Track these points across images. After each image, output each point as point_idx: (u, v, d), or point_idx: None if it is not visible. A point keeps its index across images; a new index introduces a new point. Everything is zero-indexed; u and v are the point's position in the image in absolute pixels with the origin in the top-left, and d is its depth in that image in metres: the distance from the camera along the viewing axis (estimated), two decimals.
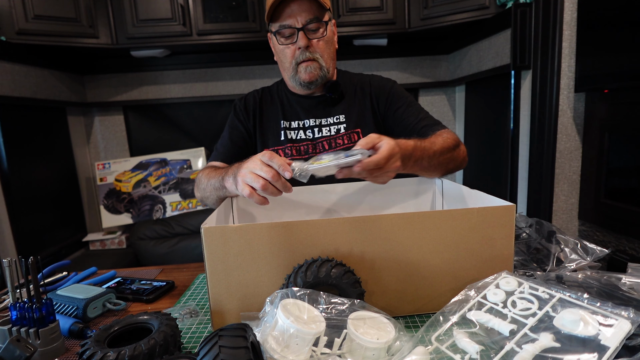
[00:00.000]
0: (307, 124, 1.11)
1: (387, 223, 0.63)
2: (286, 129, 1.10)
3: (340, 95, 1.11)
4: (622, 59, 1.31)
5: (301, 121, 1.11)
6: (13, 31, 1.71)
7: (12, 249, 1.69)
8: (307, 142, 1.09)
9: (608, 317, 0.46)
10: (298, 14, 0.98)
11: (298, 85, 1.07)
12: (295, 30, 0.99)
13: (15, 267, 0.60)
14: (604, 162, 1.48)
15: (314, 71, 1.03)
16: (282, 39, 1.02)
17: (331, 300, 0.57)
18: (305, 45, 1.00)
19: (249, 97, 1.16)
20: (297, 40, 1.00)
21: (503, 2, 1.75)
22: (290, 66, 1.04)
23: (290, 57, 1.03)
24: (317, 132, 1.10)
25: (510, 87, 1.74)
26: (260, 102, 1.15)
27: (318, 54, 1.03)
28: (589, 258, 0.73)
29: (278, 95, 1.16)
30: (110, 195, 2.25)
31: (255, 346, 0.48)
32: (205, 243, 0.61)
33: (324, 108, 1.11)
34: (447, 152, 0.90)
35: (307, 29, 1.00)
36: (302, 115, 1.11)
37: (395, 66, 2.39)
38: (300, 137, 1.10)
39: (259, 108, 1.14)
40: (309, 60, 1.02)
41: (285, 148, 1.08)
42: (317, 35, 1.01)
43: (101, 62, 2.28)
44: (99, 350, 0.52)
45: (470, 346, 0.50)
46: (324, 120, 1.10)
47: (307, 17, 0.98)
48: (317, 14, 0.99)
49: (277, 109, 1.14)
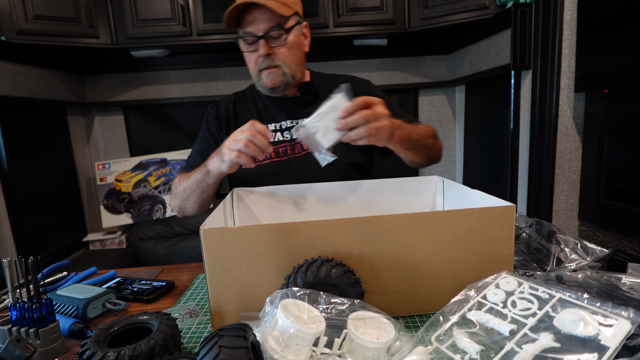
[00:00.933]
0: (283, 126, 1.11)
1: (387, 223, 0.63)
2: None
3: (314, 96, 1.11)
4: (622, 59, 1.31)
5: (277, 123, 1.11)
6: (13, 31, 1.71)
7: (12, 249, 1.69)
8: (285, 144, 1.09)
9: (608, 317, 0.46)
10: (259, 21, 0.97)
11: (263, 90, 1.08)
12: (256, 37, 0.99)
13: (15, 267, 0.60)
14: (604, 162, 1.48)
15: (277, 78, 1.03)
16: (245, 45, 1.02)
17: (331, 300, 0.57)
18: (265, 53, 1.00)
19: (221, 105, 1.16)
20: (258, 48, 1.00)
21: (503, 2, 1.75)
22: (254, 72, 1.05)
23: (254, 64, 1.03)
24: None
25: (510, 87, 1.74)
26: (234, 108, 1.15)
27: (280, 61, 1.02)
28: (589, 258, 0.73)
29: (252, 99, 1.16)
30: (110, 195, 2.25)
31: (255, 346, 0.48)
32: (204, 244, 0.61)
33: (299, 109, 1.11)
34: (429, 137, 0.98)
35: (269, 36, 0.99)
36: (278, 117, 1.12)
37: (395, 66, 2.39)
38: (277, 139, 1.10)
39: (233, 115, 1.14)
40: (271, 67, 1.02)
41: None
42: (278, 42, 1.01)
43: (101, 62, 2.28)
44: (99, 350, 0.52)
45: (470, 346, 0.50)
46: (300, 120, 1.10)
47: (268, 24, 0.98)
48: (278, 21, 0.99)
49: (252, 113, 1.14)
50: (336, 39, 2.08)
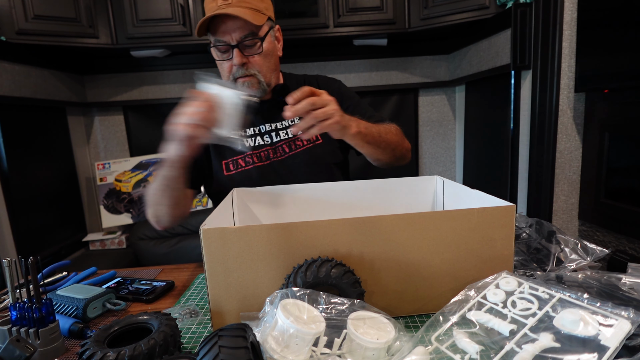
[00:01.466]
0: (263, 129, 1.09)
1: (386, 223, 0.63)
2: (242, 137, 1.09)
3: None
4: (622, 59, 1.31)
5: (256, 127, 1.09)
6: (13, 31, 1.71)
7: (12, 249, 1.69)
8: (267, 148, 1.08)
9: (608, 317, 0.46)
10: (232, 30, 0.95)
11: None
12: (229, 47, 0.96)
13: (15, 267, 0.60)
14: (604, 162, 1.48)
15: (253, 86, 1.01)
16: (218, 53, 0.99)
17: (331, 300, 0.57)
18: (240, 63, 0.97)
19: None
20: (232, 57, 0.97)
21: (503, 2, 1.75)
22: (228, 80, 1.02)
23: (228, 73, 1.00)
24: (275, 136, 1.09)
25: (510, 87, 1.74)
26: None
27: (255, 69, 1.00)
28: (589, 258, 0.73)
29: None
30: (110, 195, 2.25)
31: (255, 346, 0.48)
32: (204, 244, 0.61)
33: (277, 112, 1.07)
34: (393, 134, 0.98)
35: (243, 45, 0.96)
36: (256, 121, 1.10)
37: (395, 66, 2.39)
38: (259, 144, 1.08)
39: None
40: (246, 76, 1.00)
41: (245, 156, 1.07)
42: (253, 51, 0.98)
43: (101, 62, 2.28)
44: (99, 350, 0.52)
45: (470, 346, 0.50)
46: (279, 123, 1.10)
47: (241, 33, 0.95)
48: (252, 29, 0.96)
49: None
50: (336, 39, 2.08)
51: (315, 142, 1.09)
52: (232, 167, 1.07)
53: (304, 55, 2.33)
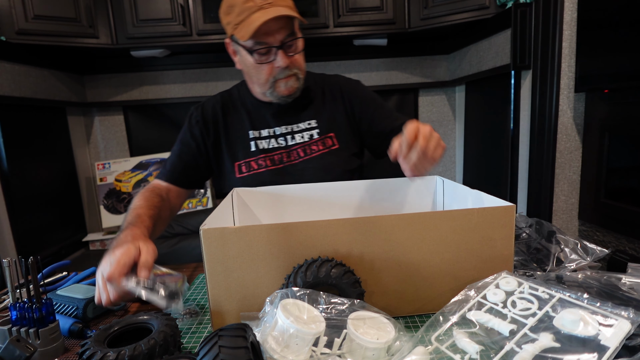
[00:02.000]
0: (278, 132, 1.05)
1: (386, 223, 0.62)
2: (256, 138, 1.05)
3: (309, 100, 1.08)
4: (622, 59, 1.31)
5: (271, 129, 1.06)
6: (13, 31, 1.71)
7: (12, 249, 1.69)
8: (280, 151, 1.05)
9: (608, 317, 0.46)
10: (276, 31, 0.91)
11: (275, 99, 1.02)
12: (272, 48, 0.93)
13: (15, 267, 0.60)
14: (604, 162, 1.48)
15: (294, 85, 0.99)
16: (257, 56, 0.94)
17: (331, 300, 0.57)
18: (286, 65, 0.94)
19: (207, 108, 1.08)
20: (275, 59, 0.94)
21: (503, 2, 1.75)
22: (266, 82, 0.98)
23: (267, 75, 0.96)
24: (290, 139, 1.05)
25: (510, 87, 1.74)
26: (222, 110, 1.07)
27: (297, 68, 0.98)
28: (589, 258, 0.73)
29: (242, 103, 1.08)
30: (110, 195, 2.25)
31: (255, 346, 0.48)
32: (204, 244, 0.61)
33: (293, 114, 1.06)
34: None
35: (286, 45, 0.94)
36: (271, 122, 1.06)
37: (395, 66, 2.39)
38: (272, 146, 1.05)
39: (223, 119, 1.07)
40: (288, 76, 0.97)
41: (257, 159, 1.04)
42: (293, 50, 0.96)
43: (101, 62, 2.28)
44: (99, 350, 0.52)
45: (470, 346, 0.50)
46: (295, 126, 1.06)
47: (284, 33, 0.92)
48: (292, 29, 0.94)
49: (242, 118, 1.07)
50: (336, 39, 2.09)
51: (331, 147, 1.06)
52: (244, 169, 1.04)
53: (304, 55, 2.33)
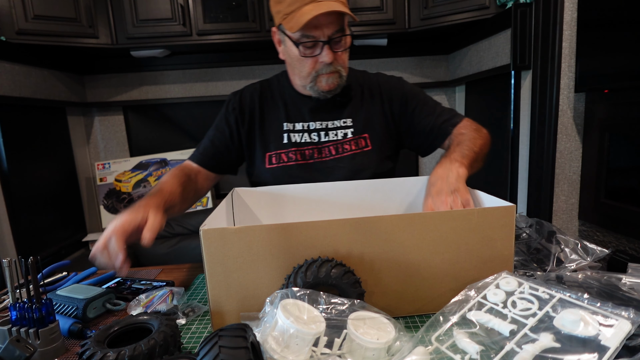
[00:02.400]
0: (312, 127, 1.05)
1: (387, 224, 0.62)
2: (290, 131, 1.04)
3: (348, 98, 1.06)
4: (622, 59, 1.31)
5: (306, 123, 1.05)
6: (13, 31, 1.70)
7: (12, 249, 1.69)
8: (312, 146, 1.04)
9: (608, 318, 0.46)
10: (325, 25, 0.90)
11: (315, 94, 1.01)
12: (319, 42, 0.92)
13: (15, 267, 0.60)
14: (604, 162, 1.48)
15: (335, 81, 0.98)
16: (303, 48, 0.93)
17: (331, 300, 0.57)
18: (331, 61, 0.93)
19: (246, 95, 1.09)
20: (320, 53, 0.93)
21: (503, 2, 1.75)
22: (308, 76, 0.97)
23: (310, 69, 0.96)
24: (324, 135, 1.04)
25: (510, 87, 1.74)
26: (259, 99, 1.08)
27: (340, 65, 0.97)
28: (589, 258, 0.73)
29: (280, 93, 1.08)
30: (110, 195, 2.25)
31: (255, 346, 0.48)
32: (204, 245, 0.61)
33: (330, 110, 1.05)
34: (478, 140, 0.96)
35: (333, 41, 0.93)
36: (307, 117, 1.05)
37: (395, 66, 2.39)
38: (305, 141, 1.04)
39: (259, 109, 1.07)
40: (331, 72, 0.96)
41: (288, 152, 1.03)
42: (339, 47, 0.95)
43: (101, 62, 2.28)
44: (99, 351, 0.52)
45: (471, 346, 0.50)
46: (330, 123, 1.05)
47: (333, 29, 0.91)
48: (341, 25, 0.92)
49: (279, 109, 1.06)
50: None
51: (364, 148, 1.04)
52: (274, 161, 1.03)
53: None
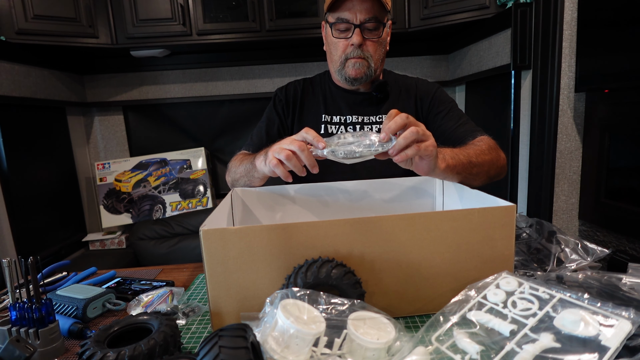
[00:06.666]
0: (348, 120, 1.09)
1: (387, 224, 0.62)
2: (327, 122, 1.09)
3: (385, 96, 1.10)
4: (622, 59, 1.31)
5: (343, 116, 1.10)
6: (13, 31, 1.71)
7: (12, 249, 1.69)
8: None
9: (608, 318, 0.46)
10: (359, 10, 0.97)
11: (343, 80, 1.07)
12: (351, 25, 0.98)
13: (15, 267, 0.60)
14: (604, 162, 1.48)
15: (362, 68, 1.02)
16: (336, 31, 1.01)
17: (331, 300, 0.56)
18: (359, 43, 0.99)
19: (290, 88, 1.16)
20: (351, 36, 0.99)
21: (503, 2, 1.75)
22: (338, 60, 1.03)
23: (341, 51, 1.02)
24: (359, 129, 1.08)
25: (510, 87, 1.74)
26: (301, 93, 1.14)
27: (369, 53, 1.01)
28: (590, 258, 0.73)
29: (321, 88, 1.15)
30: (110, 195, 2.25)
31: (255, 346, 0.48)
32: (204, 245, 0.61)
33: (367, 106, 1.10)
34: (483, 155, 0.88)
35: (365, 27, 0.98)
36: (344, 110, 1.10)
37: (395, 66, 2.39)
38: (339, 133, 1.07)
39: (300, 99, 1.13)
40: (359, 57, 1.01)
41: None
42: (372, 35, 1.00)
43: (101, 62, 2.28)
44: (99, 351, 0.51)
45: (471, 346, 0.50)
46: (366, 118, 1.09)
47: (366, 15, 0.97)
48: (376, 14, 0.98)
49: (318, 102, 1.12)
50: None
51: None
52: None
53: (304, 55, 2.33)
